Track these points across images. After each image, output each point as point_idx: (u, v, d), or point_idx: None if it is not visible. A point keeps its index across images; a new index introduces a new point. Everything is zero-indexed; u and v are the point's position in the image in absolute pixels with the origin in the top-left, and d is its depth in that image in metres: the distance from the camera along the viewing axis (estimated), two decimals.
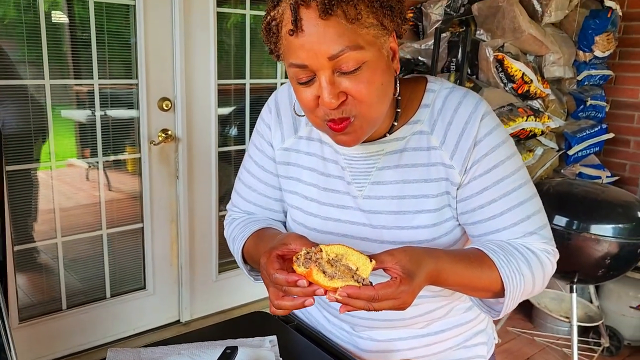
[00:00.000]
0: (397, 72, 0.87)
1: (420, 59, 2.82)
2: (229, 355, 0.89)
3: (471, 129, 0.87)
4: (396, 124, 0.92)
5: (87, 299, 2.41)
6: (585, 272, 2.26)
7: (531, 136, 2.84)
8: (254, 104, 2.76)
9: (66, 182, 2.30)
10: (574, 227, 2.21)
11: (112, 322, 2.48)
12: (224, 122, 2.72)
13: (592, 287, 2.79)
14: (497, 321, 2.73)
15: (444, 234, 0.92)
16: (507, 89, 2.76)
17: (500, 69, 2.70)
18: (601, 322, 2.63)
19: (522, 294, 0.87)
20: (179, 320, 2.70)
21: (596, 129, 3.21)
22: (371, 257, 0.75)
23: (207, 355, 0.93)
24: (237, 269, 2.77)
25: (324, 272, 0.72)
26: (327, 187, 0.98)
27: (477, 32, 2.79)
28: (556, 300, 2.81)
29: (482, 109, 0.88)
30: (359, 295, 0.71)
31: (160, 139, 2.41)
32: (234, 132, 2.78)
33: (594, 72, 3.16)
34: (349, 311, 0.74)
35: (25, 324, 2.22)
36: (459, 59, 2.70)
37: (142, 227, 2.50)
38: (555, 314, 2.63)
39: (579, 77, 3.13)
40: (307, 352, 1.02)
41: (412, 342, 1.02)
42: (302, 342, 1.05)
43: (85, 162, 2.33)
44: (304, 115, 0.89)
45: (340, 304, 0.74)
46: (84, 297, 2.41)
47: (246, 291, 2.86)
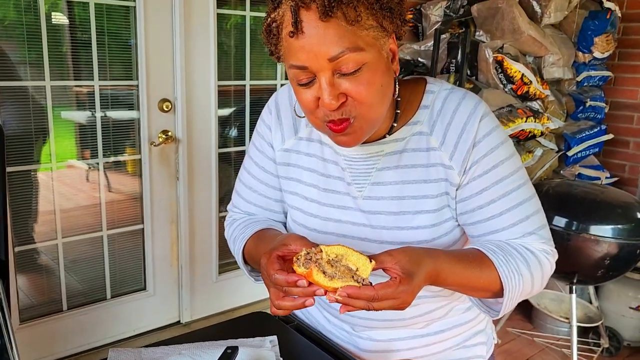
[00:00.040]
0: (396, 74, 0.87)
1: (419, 60, 2.82)
2: (229, 355, 0.89)
3: (470, 129, 0.88)
4: (396, 125, 0.92)
5: (88, 300, 2.42)
6: (584, 272, 2.26)
7: (530, 137, 2.84)
8: (254, 105, 2.77)
9: (66, 183, 2.31)
10: (574, 228, 2.21)
11: (112, 323, 2.48)
12: (224, 123, 2.72)
13: (591, 288, 2.80)
14: (496, 322, 2.73)
15: (444, 235, 0.93)
16: (506, 90, 2.77)
17: (499, 70, 2.70)
18: (601, 322, 2.64)
19: (521, 294, 0.88)
20: (179, 321, 2.70)
21: (595, 130, 3.21)
22: (371, 258, 0.75)
23: (207, 355, 0.93)
24: (237, 269, 2.78)
25: (324, 273, 0.73)
26: (327, 188, 0.98)
27: (477, 33, 2.79)
28: (556, 301, 2.82)
29: (481, 110, 0.89)
30: (359, 295, 0.71)
31: (160, 140, 2.42)
32: (234, 133, 2.78)
33: (593, 73, 3.16)
34: (349, 311, 0.74)
35: (25, 325, 2.22)
36: (459, 60, 2.70)
37: (143, 228, 2.50)
38: (554, 315, 2.63)
39: (579, 78, 3.13)
40: (307, 352, 1.02)
41: (411, 342, 1.02)
42: (303, 342, 1.05)
43: (85, 163, 2.33)
44: (304, 116, 0.90)
45: (340, 305, 0.74)
46: (84, 298, 2.41)
47: (246, 292, 2.86)
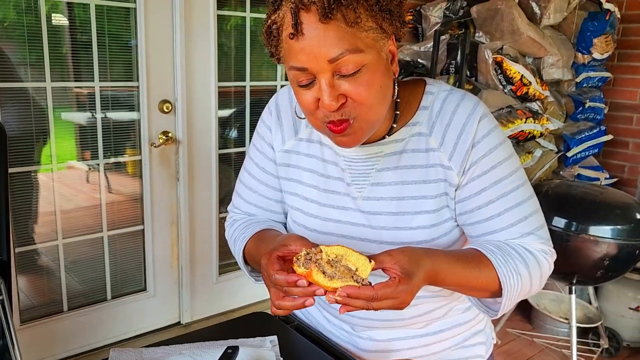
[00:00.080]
0: (396, 75, 0.88)
1: (419, 61, 2.83)
2: (230, 355, 0.89)
3: (469, 130, 0.88)
4: (395, 126, 0.93)
5: (88, 301, 2.42)
6: (584, 273, 2.27)
7: (530, 138, 2.84)
8: (254, 106, 2.77)
9: (67, 184, 2.31)
10: (573, 229, 2.21)
11: (112, 324, 2.48)
12: (224, 124, 2.73)
13: (591, 289, 2.80)
14: (496, 322, 2.73)
15: (443, 235, 0.93)
16: (506, 91, 2.77)
17: (499, 71, 2.71)
18: (600, 323, 2.64)
19: (519, 294, 0.88)
20: (180, 322, 2.70)
21: (595, 131, 3.21)
22: (370, 258, 0.75)
23: (208, 355, 0.93)
24: (238, 270, 2.79)
25: (323, 273, 0.73)
26: (327, 189, 0.99)
27: (476, 34, 2.80)
28: (555, 301, 2.82)
29: (480, 111, 0.89)
30: (359, 295, 0.72)
31: (160, 141, 2.42)
32: (234, 134, 2.79)
33: (592, 74, 3.17)
34: (348, 311, 0.74)
35: (26, 326, 2.22)
36: (458, 61, 2.71)
37: (143, 229, 2.51)
38: (554, 315, 2.63)
39: (578, 79, 3.13)
40: (307, 352, 1.03)
41: (411, 342, 1.03)
42: (303, 342, 1.06)
43: (86, 164, 2.33)
44: (305, 117, 0.90)
45: (340, 305, 0.75)
46: (84, 298, 2.41)
47: (246, 293, 2.86)
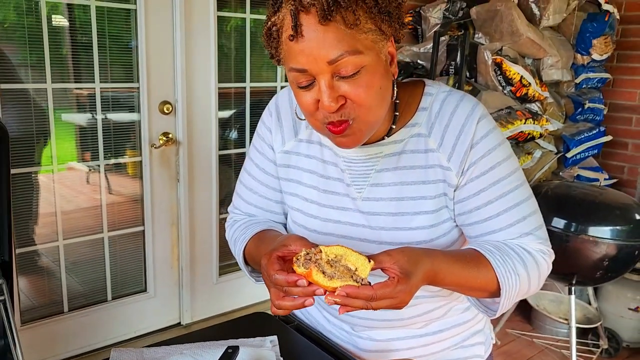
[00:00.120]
0: (395, 76, 0.88)
1: (419, 62, 2.83)
2: (230, 354, 0.90)
3: (468, 131, 0.89)
4: (394, 127, 0.93)
5: (89, 302, 2.43)
6: (583, 274, 2.27)
7: (529, 139, 2.85)
8: (254, 107, 2.78)
9: (67, 185, 2.32)
10: (572, 229, 2.22)
11: (113, 325, 2.49)
12: (224, 125, 2.73)
13: (590, 289, 2.80)
14: (496, 323, 2.74)
15: (442, 235, 0.94)
16: (505, 92, 2.78)
17: (498, 72, 2.71)
18: (600, 323, 2.64)
19: (517, 294, 0.88)
20: (180, 322, 2.71)
21: (594, 132, 3.22)
22: (370, 257, 0.76)
23: (209, 354, 0.94)
24: (238, 271, 2.79)
25: (323, 273, 0.74)
26: (327, 189, 0.99)
27: (476, 35, 2.80)
28: (555, 302, 2.83)
29: (479, 112, 0.90)
30: (358, 294, 0.72)
31: (161, 142, 2.43)
32: (234, 135, 2.79)
33: (591, 75, 3.17)
34: (347, 312, 0.75)
35: (27, 327, 2.23)
36: (458, 62, 2.71)
37: (143, 230, 2.51)
38: (554, 316, 2.64)
39: (577, 80, 3.14)
40: (307, 352, 1.03)
41: (410, 342, 1.03)
42: (303, 342, 1.06)
43: (86, 165, 2.34)
44: (305, 118, 0.91)
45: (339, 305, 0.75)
46: (85, 299, 2.42)
47: (247, 293, 2.87)
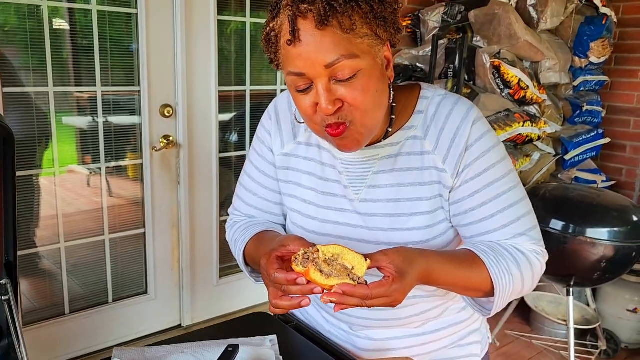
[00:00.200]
0: (391, 80, 0.90)
1: (418, 65, 2.85)
2: (230, 353, 0.91)
3: (463, 134, 0.91)
4: (391, 129, 0.95)
5: (90, 304, 2.44)
6: (581, 275, 2.28)
7: (528, 141, 2.86)
8: (254, 110, 2.80)
9: (69, 188, 2.33)
10: (570, 231, 2.23)
11: (114, 327, 2.50)
12: (224, 128, 2.75)
13: (588, 291, 2.81)
14: (495, 324, 2.75)
15: (438, 236, 0.95)
16: (503, 94, 2.80)
17: (496, 75, 2.73)
18: (598, 325, 2.65)
19: (511, 294, 0.90)
20: (180, 324, 2.72)
21: (592, 134, 3.24)
22: (366, 257, 0.78)
23: (209, 353, 0.95)
24: (238, 273, 2.80)
25: (320, 271, 0.76)
26: (325, 191, 1.01)
27: (474, 38, 2.82)
28: (553, 303, 2.84)
29: (473, 115, 0.92)
30: (354, 293, 0.74)
31: (161, 145, 2.45)
32: (234, 138, 2.81)
33: (589, 77, 3.19)
34: (342, 309, 0.77)
35: (28, 328, 2.24)
36: (456, 65, 2.73)
37: (144, 233, 2.53)
38: (552, 317, 2.65)
39: (575, 83, 3.16)
40: (306, 351, 1.05)
41: (408, 341, 1.04)
42: (302, 342, 1.08)
43: (87, 168, 2.36)
44: (304, 122, 0.93)
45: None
46: (86, 301, 2.43)
47: (247, 295, 2.88)
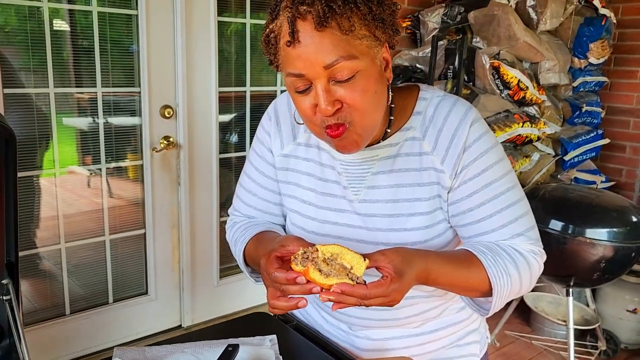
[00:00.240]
0: (389, 81, 0.91)
1: (417, 66, 2.86)
2: (230, 352, 0.92)
3: (461, 135, 0.91)
4: (389, 130, 0.96)
5: (90, 304, 2.45)
6: (580, 275, 2.29)
7: (527, 142, 2.87)
8: (254, 111, 2.80)
9: (69, 189, 2.34)
10: (569, 232, 2.23)
11: (114, 327, 2.51)
12: (224, 129, 2.76)
13: (588, 291, 2.82)
14: (494, 325, 2.75)
15: (437, 236, 0.96)
16: (503, 95, 2.80)
17: (496, 76, 2.74)
18: (598, 325, 2.66)
19: (509, 294, 0.90)
20: (181, 325, 2.72)
21: (592, 135, 3.24)
22: (365, 256, 0.78)
23: (209, 352, 0.96)
24: (238, 274, 2.81)
25: (320, 271, 0.76)
26: (325, 192, 1.02)
27: (474, 39, 2.83)
28: (553, 304, 2.84)
29: (472, 116, 0.92)
30: (352, 292, 0.75)
31: (162, 146, 2.45)
32: (234, 138, 2.82)
33: (589, 78, 3.20)
34: (341, 308, 0.77)
35: (28, 329, 2.24)
36: (456, 66, 2.74)
37: (144, 233, 2.53)
38: (552, 318, 2.65)
39: (575, 84, 3.16)
40: (306, 351, 1.05)
41: (407, 341, 1.05)
42: (301, 341, 1.08)
43: (87, 169, 2.36)
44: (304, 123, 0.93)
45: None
46: (86, 302, 2.44)
47: (247, 296, 2.88)
